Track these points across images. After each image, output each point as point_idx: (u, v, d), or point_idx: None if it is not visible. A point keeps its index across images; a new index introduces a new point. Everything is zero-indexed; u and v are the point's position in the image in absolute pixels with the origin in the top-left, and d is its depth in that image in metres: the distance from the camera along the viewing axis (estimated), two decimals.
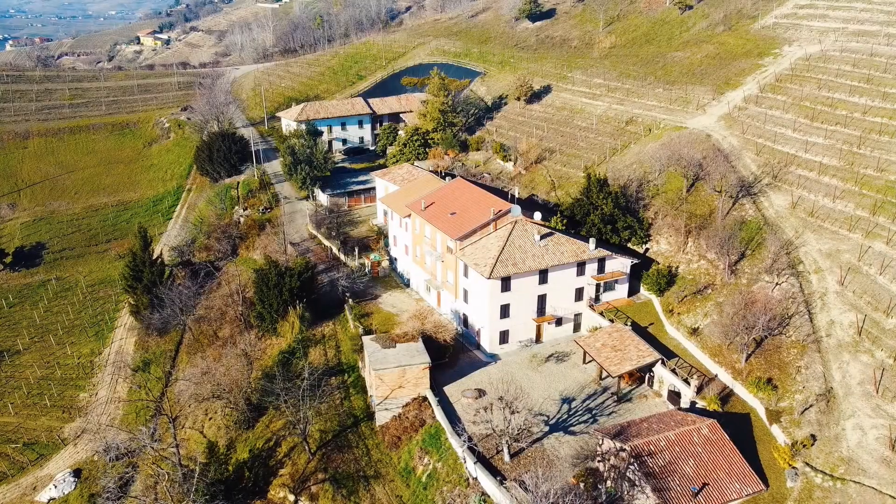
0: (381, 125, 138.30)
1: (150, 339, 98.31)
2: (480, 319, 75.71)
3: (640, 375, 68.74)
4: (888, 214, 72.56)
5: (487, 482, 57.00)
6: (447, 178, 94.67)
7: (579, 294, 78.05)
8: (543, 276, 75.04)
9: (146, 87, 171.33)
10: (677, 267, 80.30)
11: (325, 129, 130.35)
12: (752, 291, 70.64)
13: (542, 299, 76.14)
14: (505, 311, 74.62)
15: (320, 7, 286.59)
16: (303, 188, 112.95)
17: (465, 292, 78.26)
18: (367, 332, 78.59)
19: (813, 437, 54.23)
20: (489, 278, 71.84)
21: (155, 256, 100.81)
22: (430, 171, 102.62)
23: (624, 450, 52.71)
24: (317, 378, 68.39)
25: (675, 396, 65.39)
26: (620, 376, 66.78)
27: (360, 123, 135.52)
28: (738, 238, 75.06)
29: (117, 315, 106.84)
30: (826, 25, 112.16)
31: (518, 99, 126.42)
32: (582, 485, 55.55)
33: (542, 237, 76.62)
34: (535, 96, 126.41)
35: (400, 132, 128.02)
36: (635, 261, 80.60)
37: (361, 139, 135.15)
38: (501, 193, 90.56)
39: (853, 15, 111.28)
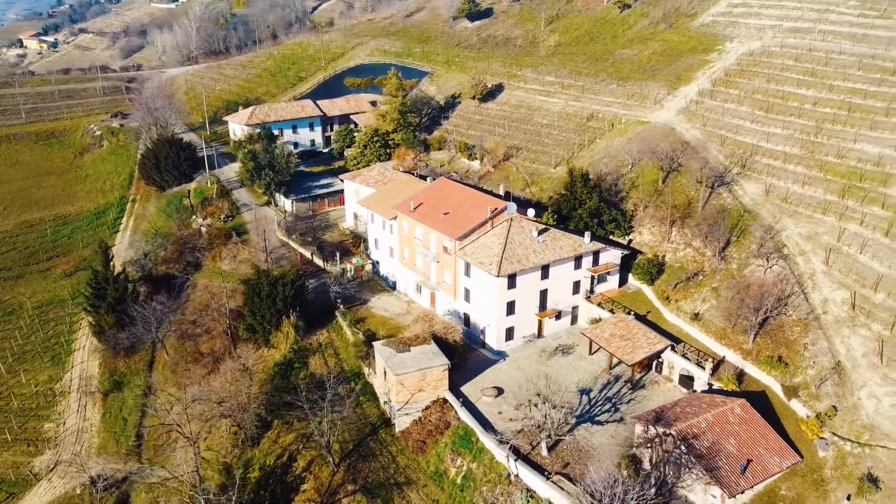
0: (331, 127, 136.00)
1: (118, 360, 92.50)
2: (486, 317, 75.98)
3: (648, 362, 71.02)
4: (856, 198, 78.17)
5: (532, 478, 57.41)
6: (429, 179, 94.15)
7: (576, 287, 79.71)
8: (545, 271, 76.16)
9: (68, 92, 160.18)
10: (664, 256, 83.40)
11: (276, 132, 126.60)
12: (744, 276, 74.47)
13: (543, 294, 77.28)
14: (511, 308, 75.27)
15: (222, 7, 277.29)
16: (266, 194, 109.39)
17: (467, 291, 78.28)
18: (370, 338, 77.28)
19: (834, 408, 57.94)
20: (498, 276, 72.25)
21: (117, 272, 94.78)
22: (406, 172, 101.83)
23: (670, 434, 54.44)
24: (336, 388, 66.58)
25: (686, 380, 68.00)
26: (633, 365, 68.79)
27: (311, 126, 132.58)
28: (724, 225, 78.79)
29: (74, 337, 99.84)
30: (761, 23, 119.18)
31: (473, 98, 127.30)
32: (625, 472, 56.97)
33: (540, 233, 77.76)
34: (488, 95, 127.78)
35: (356, 134, 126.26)
36: (626, 252, 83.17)
37: (313, 142, 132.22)
38: (485, 192, 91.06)
39: (785, 13, 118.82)
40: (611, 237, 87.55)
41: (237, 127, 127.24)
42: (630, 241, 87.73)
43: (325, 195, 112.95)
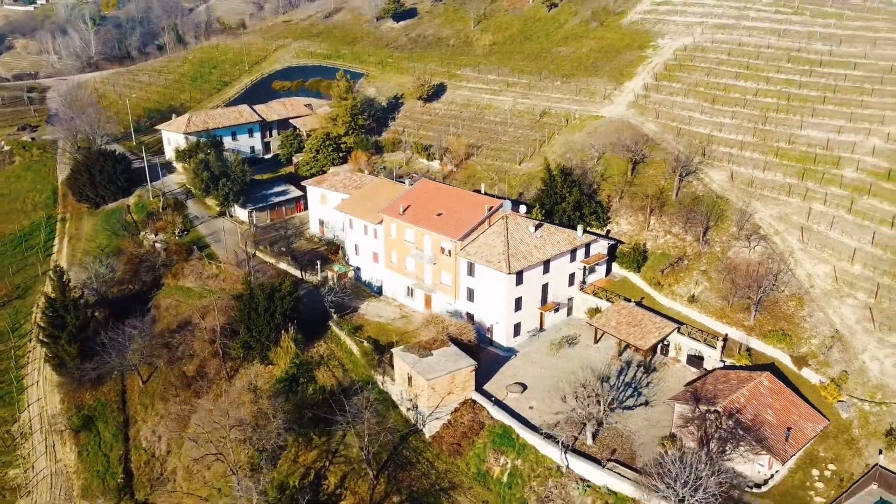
0: (270, 133, 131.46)
1: (84, 393, 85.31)
2: (495, 315, 76.53)
3: (654, 346, 74.16)
4: (814, 179, 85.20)
5: (585, 467, 58.73)
6: (407, 182, 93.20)
7: (571, 279, 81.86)
8: (546, 265, 77.71)
9: None
10: (645, 244, 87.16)
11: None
12: (729, 257, 79.38)
13: (545, 288, 78.85)
14: (518, 304, 76.31)
15: (89, 9, 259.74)
16: (224, 205, 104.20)
17: (470, 291, 78.46)
18: (377, 345, 75.96)
19: (845, 372, 63.15)
20: (510, 273, 73.01)
21: (76, 297, 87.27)
22: (377, 175, 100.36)
23: (716, 411, 57.36)
24: (369, 397, 65.00)
25: (695, 360, 71.69)
26: (645, 350, 71.68)
27: (251, 132, 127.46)
28: (703, 211, 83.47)
29: (24, 373, 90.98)
30: (687, 20, 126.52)
31: (419, 98, 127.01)
32: (671, 452, 59.45)
33: (536, 228, 79.23)
34: (432, 95, 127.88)
35: (304, 138, 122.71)
36: (612, 242, 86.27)
37: (252, 148, 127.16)
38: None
39: (708, 10, 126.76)
40: (588, 229, 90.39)
41: (173, 136, 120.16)
42: (608, 231, 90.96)
43: (283, 203, 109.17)
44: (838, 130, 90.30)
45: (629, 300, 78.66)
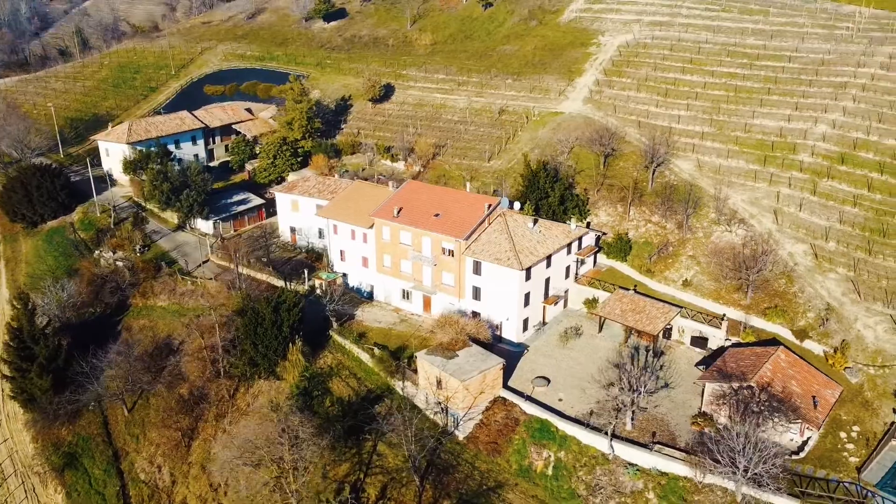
0: (213, 140, 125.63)
1: (60, 428, 78.48)
2: (504, 312, 77.07)
3: (661, 330, 77.11)
4: (775, 165, 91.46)
5: (631, 451, 60.50)
6: (391, 184, 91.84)
7: (567, 272, 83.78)
8: (548, 260, 79.13)
9: None
10: (627, 233, 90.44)
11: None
12: (713, 242, 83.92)
13: (547, 282, 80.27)
14: (527, 300, 77.28)
15: None
16: (189, 216, 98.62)
17: (476, 290, 78.63)
18: (389, 351, 74.72)
19: (845, 341, 68.42)
20: (522, 270, 73.82)
21: (42, 325, 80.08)
22: (358, 178, 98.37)
23: (750, 386, 60.65)
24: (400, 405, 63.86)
25: (699, 341, 75.35)
26: (653, 335, 74.58)
27: (194, 139, 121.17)
28: (681, 199, 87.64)
29: None
30: (623, 17, 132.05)
31: (371, 99, 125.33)
32: (707, 430, 62.41)
33: (534, 224, 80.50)
34: (382, 96, 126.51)
35: (257, 144, 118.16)
36: (600, 234, 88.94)
37: (196, 157, 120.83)
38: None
39: (641, 8, 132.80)
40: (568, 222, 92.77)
41: (113, 146, 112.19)
42: (589, 223, 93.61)
43: (245, 212, 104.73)
44: (788, 119, 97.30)
45: (627, 288, 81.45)
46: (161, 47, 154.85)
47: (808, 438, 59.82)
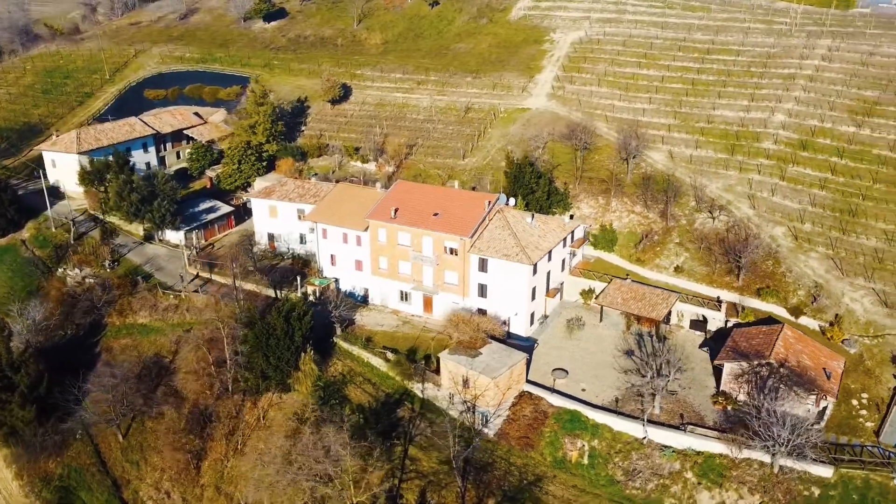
0: (164, 146, 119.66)
1: (47, 461, 72.81)
2: (513, 307, 77.56)
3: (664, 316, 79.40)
4: (742, 153, 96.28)
5: (665, 434, 62.46)
6: (378, 186, 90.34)
7: (563, 265, 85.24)
8: (549, 253, 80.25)
9: None
10: (611, 224, 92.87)
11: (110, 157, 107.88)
12: (697, 228, 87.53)
13: (548, 276, 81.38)
14: (533, 294, 78.10)
15: None
16: (160, 227, 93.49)
17: (482, 287, 78.72)
18: (404, 354, 73.80)
19: (837, 315, 73.04)
20: (532, 264, 74.56)
21: (21, 352, 74.02)
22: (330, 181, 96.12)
23: (769, 363, 63.78)
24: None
25: (698, 324, 78.47)
26: (657, 321, 77.09)
27: (145, 147, 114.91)
28: (661, 189, 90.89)
29: None
30: (571, 15, 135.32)
31: (329, 100, 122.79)
32: (729, 408, 65.24)
33: (531, 219, 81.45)
34: (340, 96, 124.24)
35: (217, 150, 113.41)
36: (587, 227, 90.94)
37: (148, 164, 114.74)
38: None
39: (589, 5, 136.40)
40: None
41: (61, 157, 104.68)
42: (572, 215, 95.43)
43: (215, 221, 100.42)
44: (747, 109, 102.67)
45: (622, 278, 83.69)
46: (90, 50, 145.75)
47: (824, 408, 63.54)
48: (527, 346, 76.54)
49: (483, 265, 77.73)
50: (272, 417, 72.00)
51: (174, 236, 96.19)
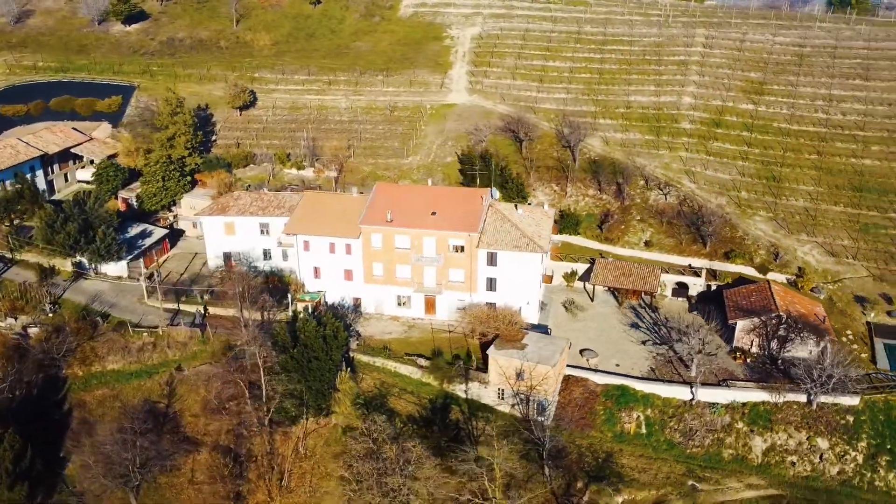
0: (52, 169, 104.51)
1: None
2: (524, 297, 78.83)
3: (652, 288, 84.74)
4: (667, 133, 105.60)
5: (710, 392, 67.87)
6: (355, 191, 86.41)
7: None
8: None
9: None
10: (569, 208, 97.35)
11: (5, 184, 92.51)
12: (652, 204, 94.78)
13: (543, 262, 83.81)
14: (540, 282, 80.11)
15: None
16: (104, 259, 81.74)
17: (491, 281, 79.08)
18: (442, 360, 72.37)
19: (800, 269, 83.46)
20: (545, 252, 76.51)
21: None
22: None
23: (778, 316, 71.56)
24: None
25: (680, 290, 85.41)
26: (635, 294, 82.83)
27: (33, 170, 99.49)
28: (609, 172, 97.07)
29: None
30: (462, 11, 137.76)
31: (237, 107, 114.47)
32: (748, 360, 72.39)
33: (517, 209, 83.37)
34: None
35: (122, 168, 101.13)
36: (556, 213, 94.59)
37: (37, 190, 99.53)
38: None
39: (477, 1, 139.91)
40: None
41: None
42: (530, 203, 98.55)
43: (153, 246, 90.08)
44: (657, 94, 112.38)
45: (605, 257, 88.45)
46: None
47: (823, 348, 72.68)
48: (542, 332, 78.47)
49: (492, 259, 78.19)
50: (312, 445, 67.17)
51: (113, 268, 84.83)
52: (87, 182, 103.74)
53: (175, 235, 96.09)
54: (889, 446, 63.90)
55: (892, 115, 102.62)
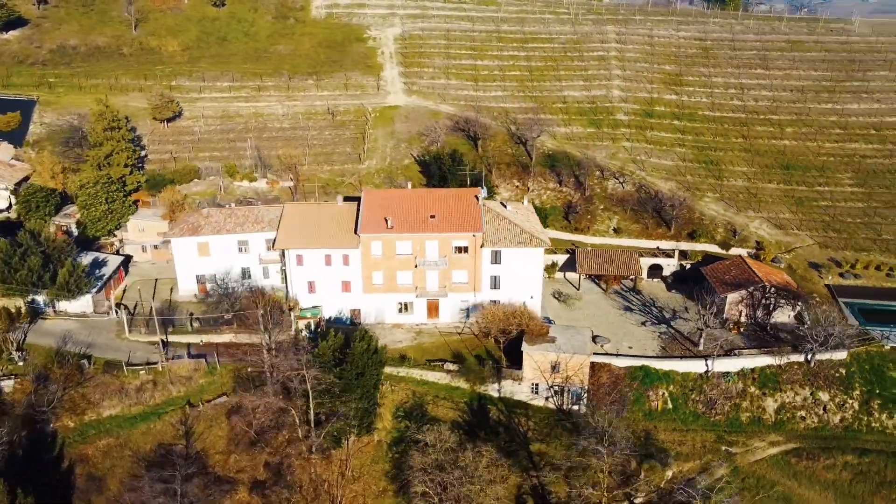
0: None
1: None
2: (529, 292, 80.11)
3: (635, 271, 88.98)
4: (606, 125, 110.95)
5: (722, 362, 73.00)
6: (340, 198, 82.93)
7: None
8: None
9: None
10: (532, 202, 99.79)
11: None
12: (611, 194, 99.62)
13: None
14: (541, 276, 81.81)
15: None
16: (72, 295, 72.70)
17: (495, 279, 79.57)
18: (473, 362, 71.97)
19: (758, 242, 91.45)
20: (549, 246, 78.32)
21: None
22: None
23: (763, 286, 78.25)
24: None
25: (654, 270, 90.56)
26: (616, 279, 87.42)
27: None
28: (566, 165, 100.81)
29: None
30: (377, 12, 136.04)
31: (162, 119, 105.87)
32: (741, 329, 78.64)
33: (505, 206, 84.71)
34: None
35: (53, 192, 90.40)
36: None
37: None
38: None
39: (389, 2, 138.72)
40: None
41: None
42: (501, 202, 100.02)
43: (111, 276, 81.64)
44: (587, 89, 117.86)
45: (583, 247, 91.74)
46: None
47: (799, 311, 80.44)
48: (547, 324, 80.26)
49: (496, 257, 78.73)
50: (358, 466, 64.49)
51: (75, 304, 75.86)
52: (3, 211, 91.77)
53: (124, 262, 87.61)
54: (878, 391, 72.28)
55: (796, 100, 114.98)
